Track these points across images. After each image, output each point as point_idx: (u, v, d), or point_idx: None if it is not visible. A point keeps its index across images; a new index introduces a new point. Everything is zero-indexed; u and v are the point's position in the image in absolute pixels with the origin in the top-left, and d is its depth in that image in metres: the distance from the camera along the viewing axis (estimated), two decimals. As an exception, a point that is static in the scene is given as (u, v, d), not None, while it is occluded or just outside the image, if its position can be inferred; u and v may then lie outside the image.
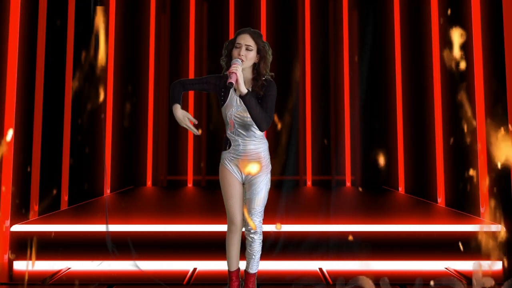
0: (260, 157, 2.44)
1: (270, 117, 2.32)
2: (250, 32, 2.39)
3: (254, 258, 2.46)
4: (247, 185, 2.47)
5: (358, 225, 3.38)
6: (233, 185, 2.47)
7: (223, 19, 6.43)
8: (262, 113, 2.29)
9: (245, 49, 2.35)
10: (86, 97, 5.07)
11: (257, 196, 2.42)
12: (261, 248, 2.48)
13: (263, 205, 2.45)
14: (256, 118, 2.28)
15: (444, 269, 3.27)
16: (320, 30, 6.52)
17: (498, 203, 3.75)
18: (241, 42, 2.36)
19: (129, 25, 6.29)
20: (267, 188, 2.47)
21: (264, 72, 2.41)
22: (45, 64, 4.12)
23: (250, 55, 2.36)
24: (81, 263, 3.29)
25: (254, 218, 2.41)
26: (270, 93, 2.35)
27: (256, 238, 2.43)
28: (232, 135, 2.45)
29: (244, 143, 2.42)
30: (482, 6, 3.97)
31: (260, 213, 2.44)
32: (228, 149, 2.47)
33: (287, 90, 6.28)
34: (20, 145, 3.74)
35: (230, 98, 2.42)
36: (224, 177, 2.49)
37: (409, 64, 5.64)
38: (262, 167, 2.44)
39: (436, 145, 4.77)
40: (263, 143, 2.47)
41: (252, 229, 2.41)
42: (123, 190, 5.87)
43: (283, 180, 6.22)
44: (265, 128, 2.32)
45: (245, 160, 2.43)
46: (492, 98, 3.87)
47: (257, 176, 2.44)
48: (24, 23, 3.80)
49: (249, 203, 2.43)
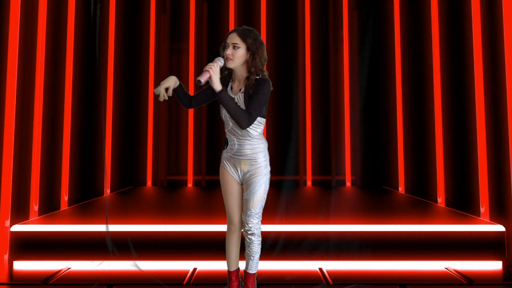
0: (257, 157, 2.41)
1: (250, 115, 2.27)
2: (238, 31, 2.35)
3: (253, 259, 2.45)
4: (245, 185, 2.44)
5: (358, 225, 3.38)
6: (231, 185, 2.47)
7: (223, 19, 6.43)
8: (238, 110, 2.27)
9: (232, 47, 2.32)
10: (86, 97, 5.08)
11: (254, 196, 2.39)
12: (261, 248, 2.46)
13: (261, 206, 2.42)
14: (233, 115, 2.27)
15: (444, 269, 3.27)
16: (320, 30, 6.52)
17: (498, 203, 3.75)
18: (228, 41, 2.34)
19: (129, 25, 6.29)
20: (266, 189, 2.44)
21: (254, 70, 2.33)
22: (45, 63, 4.13)
23: (237, 54, 2.32)
24: (81, 263, 3.29)
25: (251, 219, 2.39)
26: (259, 92, 2.30)
27: (254, 239, 2.41)
28: (229, 134, 2.44)
29: (240, 142, 2.40)
30: (482, 6, 3.97)
31: (258, 214, 2.41)
32: (226, 148, 2.47)
33: (287, 90, 6.28)
34: (20, 145, 3.74)
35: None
36: (223, 177, 2.49)
37: (409, 64, 5.64)
38: (258, 167, 2.41)
39: (436, 145, 4.77)
40: (261, 143, 2.43)
41: (249, 230, 2.39)
42: (123, 190, 5.87)
43: (283, 180, 6.22)
44: (245, 126, 2.28)
45: (241, 160, 2.41)
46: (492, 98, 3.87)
47: (255, 176, 2.40)
48: (24, 23, 3.80)
49: (246, 203, 2.41)
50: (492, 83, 3.87)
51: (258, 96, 2.30)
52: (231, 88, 2.42)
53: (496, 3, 3.78)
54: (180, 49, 6.59)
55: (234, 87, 2.42)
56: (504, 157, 3.68)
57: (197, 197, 5.43)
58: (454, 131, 4.49)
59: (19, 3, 3.73)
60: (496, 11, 3.77)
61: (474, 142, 4.04)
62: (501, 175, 3.71)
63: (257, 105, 2.29)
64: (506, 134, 3.65)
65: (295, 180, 6.42)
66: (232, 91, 2.41)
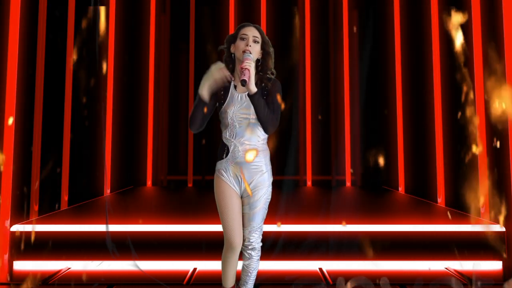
0: (261, 165, 2.18)
1: (277, 119, 2.09)
2: (255, 26, 2.20)
3: (250, 275, 2.22)
4: (246, 198, 2.18)
5: (358, 225, 3.38)
6: (231, 199, 2.17)
7: (223, 19, 6.43)
8: (270, 115, 2.06)
9: (252, 41, 2.15)
10: (86, 97, 5.07)
11: (257, 209, 2.16)
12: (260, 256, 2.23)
13: (262, 219, 2.19)
14: (264, 120, 2.05)
15: (444, 269, 3.27)
16: (320, 30, 6.52)
17: (498, 203, 3.75)
18: (248, 33, 2.15)
19: (129, 26, 6.29)
20: (268, 201, 2.21)
21: (269, 68, 2.21)
22: (45, 63, 4.12)
23: (256, 48, 2.15)
24: (81, 263, 3.29)
25: (253, 234, 2.16)
26: (276, 92, 2.14)
27: (254, 254, 2.18)
28: (230, 139, 2.16)
29: (244, 148, 2.15)
30: (482, 6, 3.97)
31: (260, 228, 2.18)
32: (225, 157, 2.18)
33: (287, 90, 6.28)
34: (20, 145, 3.74)
35: (231, 95, 2.17)
36: (220, 190, 2.18)
37: (409, 64, 5.64)
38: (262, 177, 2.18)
39: (436, 145, 4.77)
40: (264, 148, 2.21)
41: (250, 245, 2.17)
42: (123, 190, 5.87)
43: (283, 180, 6.22)
44: (271, 131, 2.09)
45: (244, 169, 2.16)
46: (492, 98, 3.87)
47: (259, 188, 2.17)
48: (23, 24, 3.80)
49: (247, 217, 2.16)
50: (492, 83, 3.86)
51: (275, 98, 2.13)
52: (235, 87, 2.20)
53: (496, 3, 3.78)
54: (180, 49, 6.59)
55: (238, 86, 2.20)
56: (504, 157, 3.68)
57: (197, 197, 5.43)
58: (454, 131, 4.48)
59: (19, 3, 3.73)
60: (496, 11, 3.77)
61: (474, 142, 4.04)
62: (501, 176, 3.70)
63: (279, 106, 2.12)
64: (506, 134, 3.65)
65: (295, 180, 6.42)
66: (237, 90, 2.19)
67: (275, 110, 2.11)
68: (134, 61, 6.39)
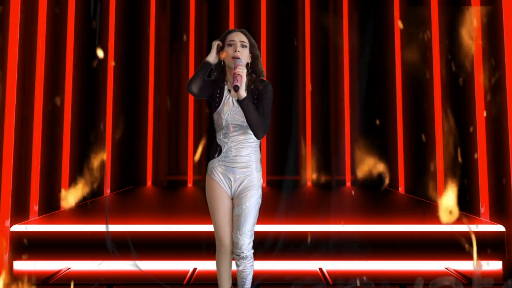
0: (251, 166, 2.19)
1: (267, 124, 2.11)
2: (242, 31, 2.22)
3: (245, 280, 2.22)
4: (236, 199, 2.19)
5: (358, 225, 3.38)
6: (222, 199, 2.21)
7: (223, 19, 6.43)
8: (259, 119, 2.08)
9: (240, 46, 2.17)
10: (86, 97, 5.07)
11: (246, 211, 2.15)
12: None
13: (253, 223, 2.17)
14: (254, 124, 2.07)
15: (444, 269, 3.27)
16: (320, 30, 6.51)
17: (498, 203, 3.75)
18: (235, 39, 2.18)
19: (129, 25, 6.29)
20: (258, 204, 2.21)
21: (260, 71, 2.23)
22: (45, 63, 4.12)
23: (245, 53, 2.17)
24: (81, 263, 3.29)
25: (244, 238, 2.13)
26: (266, 96, 2.15)
27: (246, 262, 2.16)
28: (224, 140, 2.19)
29: (237, 149, 2.18)
30: (482, 6, 3.97)
31: (250, 233, 2.16)
32: (217, 157, 2.22)
33: (287, 90, 6.28)
34: (20, 145, 3.74)
35: (225, 99, 2.19)
36: (211, 190, 2.24)
37: (409, 64, 5.63)
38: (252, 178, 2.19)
39: (436, 146, 4.77)
40: (257, 150, 2.23)
41: (242, 253, 2.14)
42: (123, 190, 5.87)
43: (283, 180, 6.22)
44: (261, 136, 2.11)
45: (235, 169, 2.18)
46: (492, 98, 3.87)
47: (249, 189, 2.17)
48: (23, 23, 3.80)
49: (237, 220, 2.15)
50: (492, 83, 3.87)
51: (266, 101, 2.14)
52: (229, 91, 2.21)
53: (496, 3, 3.77)
54: (180, 48, 6.59)
55: (232, 90, 2.20)
56: (504, 157, 3.68)
57: (197, 197, 5.42)
58: (454, 132, 4.48)
59: (19, 3, 3.72)
60: (496, 11, 3.76)
61: (474, 142, 4.04)
62: (501, 175, 3.71)
63: (269, 110, 2.14)
64: (506, 134, 3.65)
65: (295, 180, 6.42)
66: (231, 94, 2.20)
67: (265, 113, 2.12)
68: (134, 61, 6.38)
